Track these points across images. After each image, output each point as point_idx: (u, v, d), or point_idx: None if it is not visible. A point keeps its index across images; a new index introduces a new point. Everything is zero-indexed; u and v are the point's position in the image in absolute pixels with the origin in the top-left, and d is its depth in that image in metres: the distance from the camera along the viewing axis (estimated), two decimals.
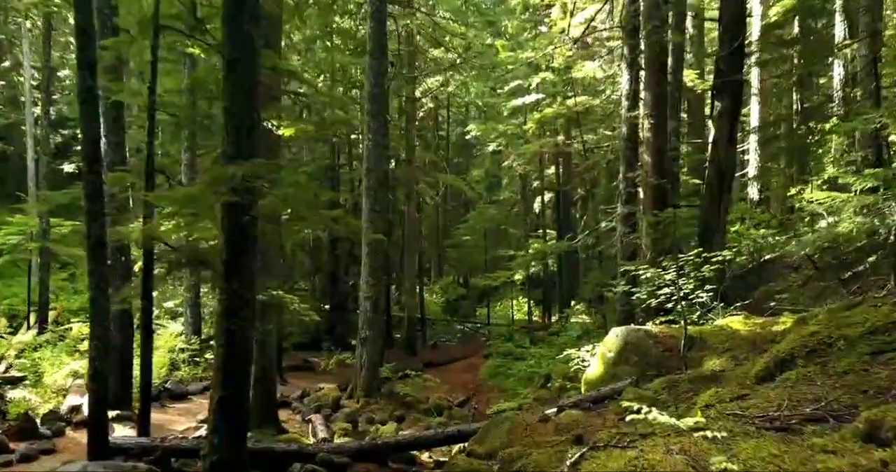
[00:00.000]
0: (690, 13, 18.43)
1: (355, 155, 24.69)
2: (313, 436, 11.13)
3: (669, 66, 13.51)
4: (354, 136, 24.25)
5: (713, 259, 7.57)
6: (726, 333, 7.47)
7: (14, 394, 11.97)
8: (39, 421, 10.68)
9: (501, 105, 25.60)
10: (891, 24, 18.79)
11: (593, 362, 8.28)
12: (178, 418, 11.93)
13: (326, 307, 25.48)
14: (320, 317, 25.62)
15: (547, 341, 18.36)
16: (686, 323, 7.00)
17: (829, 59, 19.87)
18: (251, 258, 6.02)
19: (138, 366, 13.67)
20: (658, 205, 11.46)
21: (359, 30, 21.98)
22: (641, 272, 8.16)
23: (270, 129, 10.06)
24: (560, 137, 22.16)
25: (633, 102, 12.57)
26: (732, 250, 7.66)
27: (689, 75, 16.93)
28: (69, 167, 25.64)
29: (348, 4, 21.52)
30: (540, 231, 25.80)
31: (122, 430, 10.51)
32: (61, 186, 19.63)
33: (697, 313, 8.48)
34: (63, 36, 26.88)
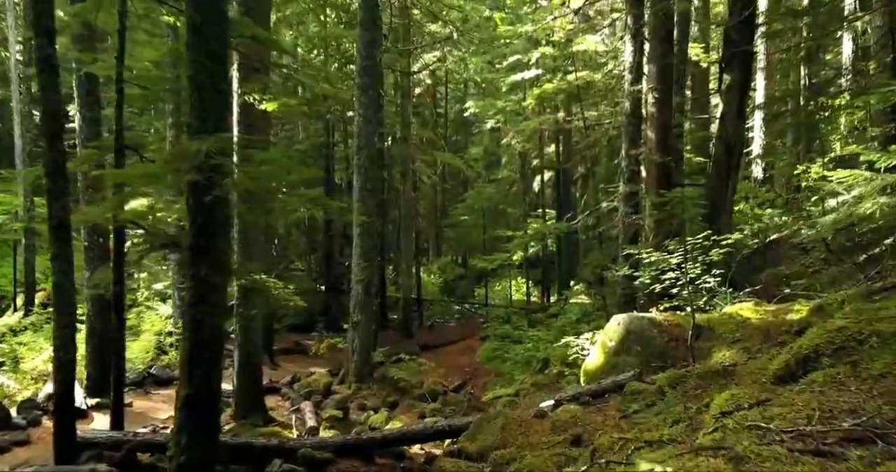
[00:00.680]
0: None
1: (350, 132, 24.02)
2: (302, 424, 10.72)
3: (675, 37, 12.86)
4: (351, 113, 23.58)
5: (722, 242, 7.06)
6: (736, 321, 6.97)
7: None
8: (15, 410, 10.27)
9: (500, 81, 24.89)
10: None
11: (593, 351, 7.81)
12: (162, 405, 11.50)
13: (322, 288, 25.07)
14: (315, 298, 25.40)
15: (545, 323, 17.93)
16: (694, 311, 6.50)
17: (839, 33, 19.18)
18: (220, 241, 5.50)
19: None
20: (662, 184, 10.93)
21: (352, 2, 21.21)
22: (645, 256, 7.65)
23: (253, 103, 9.51)
24: (560, 114, 21.50)
25: (637, 75, 11.94)
26: (743, 233, 7.12)
27: (695, 49, 16.26)
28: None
29: None
30: (539, 211, 25.26)
31: (102, 419, 10.09)
32: None
33: (704, 299, 7.99)
34: None
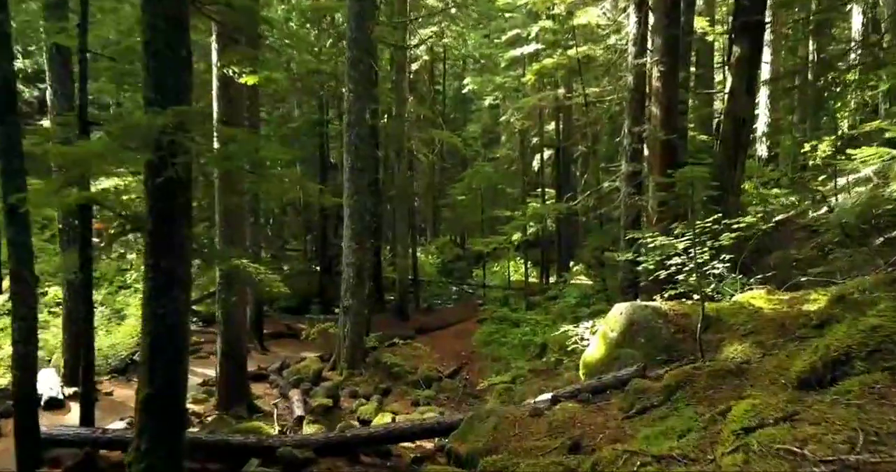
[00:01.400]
0: None
1: (344, 109, 23.35)
2: (290, 413, 10.30)
3: (681, 8, 12.21)
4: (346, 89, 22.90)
5: (733, 226, 6.54)
6: (748, 311, 6.47)
7: None
8: None
9: (499, 56, 24.17)
10: None
11: (593, 341, 7.32)
12: None
13: (317, 269, 24.61)
14: (310, 279, 24.96)
15: (544, 305, 17.47)
16: (704, 301, 6.00)
17: (848, 6, 18.48)
18: (182, 227, 4.98)
19: (100, 338, 12.85)
20: (666, 163, 10.38)
21: None
22: (650, 240, 7.14)
23: (233, 77, 8.92)
24: (560, 90, 20.82)
25: (641, 48, 11.36)
26: (756, 216, 6.59)
27: (700, 22, 15.59)
28: (46, 123, 24.36)
29: None
30: (539, 190, 24.68)
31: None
32: None
33: (711, 286, 7.50)
34: None
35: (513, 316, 17.12)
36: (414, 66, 27.43)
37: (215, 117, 9.20)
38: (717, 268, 7.16)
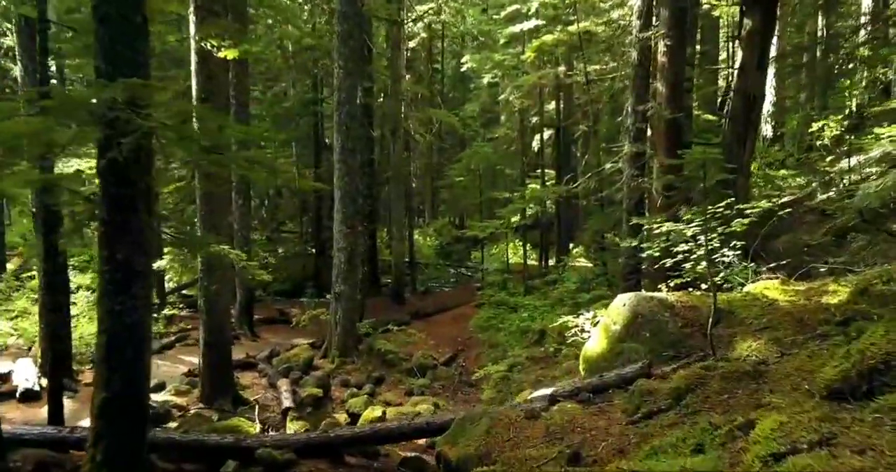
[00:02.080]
0: None
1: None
2: (278, 405, 9.90)
3: None
4: None
5: (747, 211, 6.03)
6: (761, 303, 6.00)
7: None
8: None
9: (497, 33, 23.44)
10: None
11: (594, 334, 6.86)
12: None
13: (313, 251, 24.14)
14: (306, 261, 24.48)
15: (543, 290, 17.01)
16: (715, 293, 5.52)
17: None
18: (141, 216, 4.49)
19: (83, 325, 12.42)
20: (672, 143, 9.87)
21: None
22: (655, 227, 6.64)
23: (211, 52, 8.37)
24: (560, 68, 20.16)
25: (647, 22, 10.76)
26: (772, 201, 6.09)
27: None
28: None
29: None
30: (538, 171, 24.10)
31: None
32: None
33: (721, 275, 7.02)
34: None
35: (511, 301, 16.68)
36: (412, 43, 26.69)
37: (194, 95, 8.67)
38: (727, 255, 6.68)
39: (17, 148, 4.41)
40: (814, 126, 16.83)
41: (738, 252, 6.70)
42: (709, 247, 5.96)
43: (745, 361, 4.85)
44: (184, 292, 18.57)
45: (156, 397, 10.09)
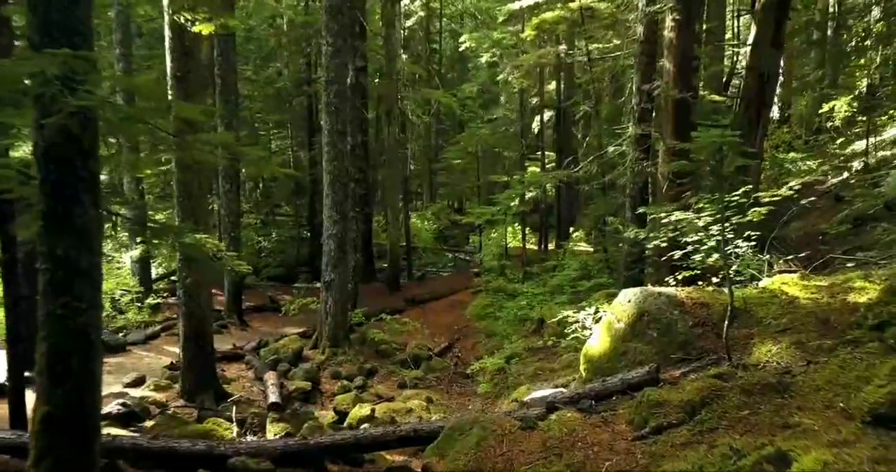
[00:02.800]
0: None
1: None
2: (264, 399, 9.45)
3: None
4: None
5: (764, 199, 5.50)
6: (780, 301, 5.48)
7: None
8: None
9: (496, 10, 22.69)
10: None
11: (597, 331, 6.35)
12: (105, 377, 10.17)
13: (307, 235, 23.63)
14: (301, 245, 23.96)
15: (542, 277, 16.50)
16: (732, 291, 5.00)
17: None
18: (87, 207, 3.96)
19: None
20: (680, 125, 9.29)
21: None
22: (663, 216, 6.11)
23: (184, 26, 7.78)
24: (561, 47, 19.46)
25: None
26: (792, 188, 5.54)
27: None
28: None
29: None
30: (538, 153, 23.48)
31: (29, 396, 8.78)
32: None
33: (734, 267, 6.50)
34: None
35: (509, 287, 16.20)
36: (409, 22, 25.95)
37: (168, 73, 8.09)
38: (741, 247, 6.16)
39: None
40: (825, 107, 16.23)
41: (754, 243, 6.17)
42: (724, 238, 5.44)
43: (766, 369, 4.34)
44: (172, 279, 18.09)
45: (134, 392, 9.65)
